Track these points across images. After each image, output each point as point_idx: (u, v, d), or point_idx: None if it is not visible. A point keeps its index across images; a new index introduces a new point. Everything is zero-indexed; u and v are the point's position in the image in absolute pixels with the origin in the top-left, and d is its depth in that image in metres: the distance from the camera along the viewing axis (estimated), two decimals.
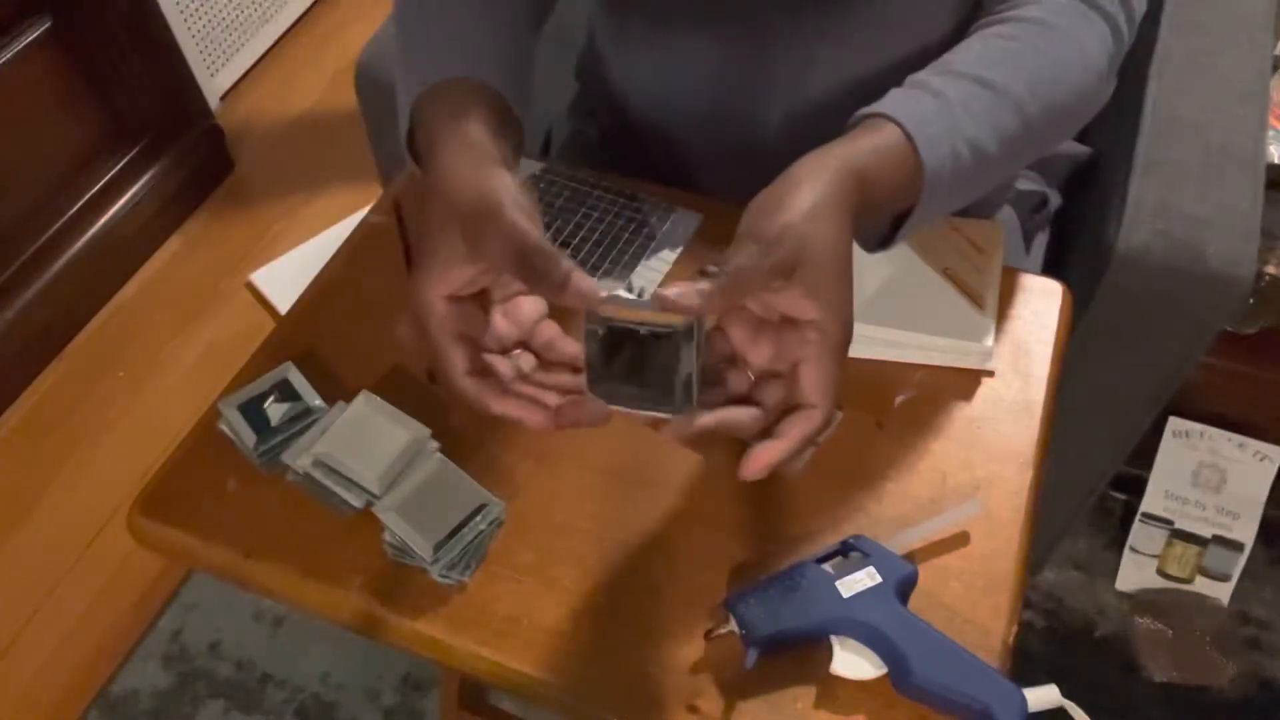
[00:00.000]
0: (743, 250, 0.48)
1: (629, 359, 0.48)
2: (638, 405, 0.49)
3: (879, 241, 0.61)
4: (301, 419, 0.65)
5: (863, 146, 0.54)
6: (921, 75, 0.60)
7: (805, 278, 0.48)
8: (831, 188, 0.51)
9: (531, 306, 0.55)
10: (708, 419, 0.48)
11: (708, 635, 0.56)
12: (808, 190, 0.50)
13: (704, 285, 0.47)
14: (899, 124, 0.55)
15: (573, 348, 0.54)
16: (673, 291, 0.46)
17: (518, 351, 0.55)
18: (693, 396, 0.48)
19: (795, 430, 0.49)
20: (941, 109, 0.57)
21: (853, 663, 0.54)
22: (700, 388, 0.48)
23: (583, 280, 0.48)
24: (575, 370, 0.53)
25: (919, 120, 0.56)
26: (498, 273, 0.52)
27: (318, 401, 0.66)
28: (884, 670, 0.54)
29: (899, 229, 0.60)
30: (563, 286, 0.48)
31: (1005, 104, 0.59)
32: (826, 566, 0.57)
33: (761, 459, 0.48)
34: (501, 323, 0.55)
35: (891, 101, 0.57)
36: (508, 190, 0.51)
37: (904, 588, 0.56)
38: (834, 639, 0.55)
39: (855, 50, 0.73)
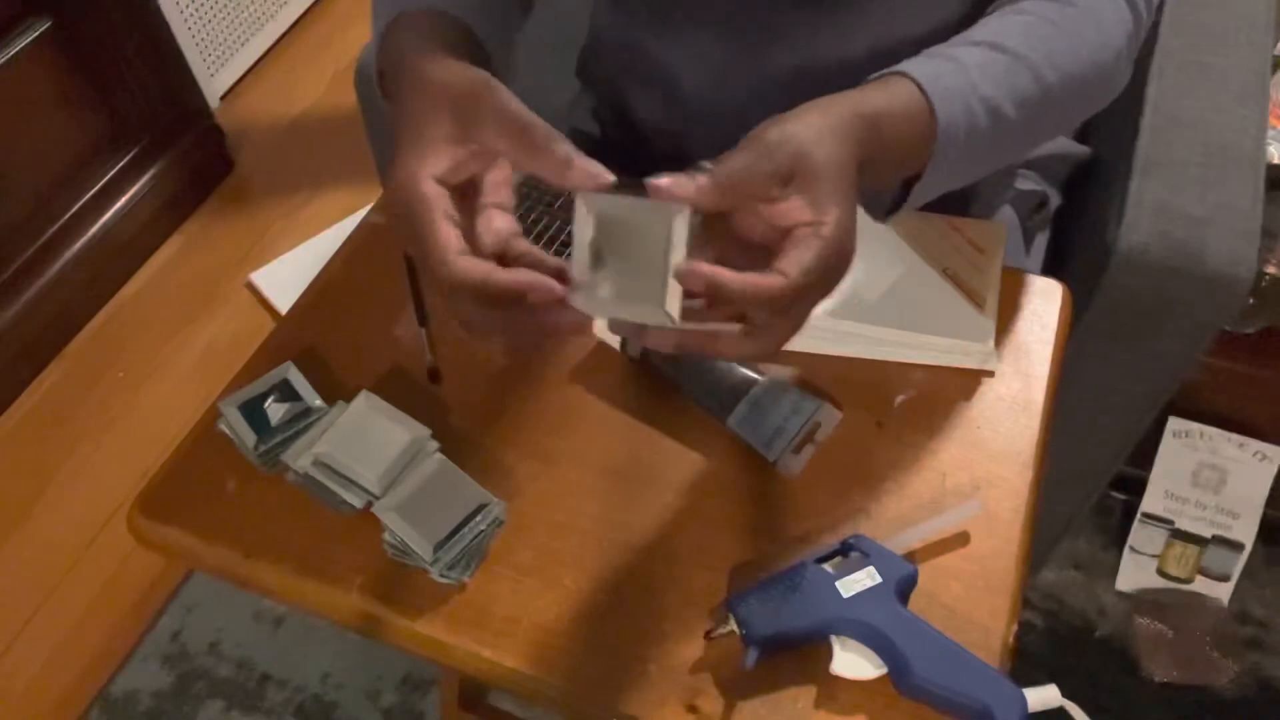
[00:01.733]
0: (741, 152, 0.48)
1: (616, 251, 0.46)
2: (620, 306, 0.46)
3: (889, 208, 0.61)
4: (301, 419, 0.65)
5: (874, 94, 0.54)
6: (936, 46, 0.59)
7: (804, 187, 0.47)
8: (839, 120, 0.50)
9: (503, 220, 0.52)
10: (693, 326, 0.47)
11: (708, 635, 0.56)
12: (814, 116, 0.50)
13: (700, 177, 0.46)
14: (912, 79, 0.55)
15: (551, 261, 0.50)
16: (665, 181, 0.46)
17: None
18: (678, 296, 0.46)
19: (745, 278, 0.45)
20: (957, 69, 0.56)
21: (853, 663, 0.54)
22: (685, 299, 0.46)
23: (587, 161, 0.47)
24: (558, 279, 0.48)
25: (933, 76, 0.55)
26: (490, 155, 0.50)
27: (318, 401, 0.66)
28: (884, 670, 0.54)
29: (908, 196, 0.59)
30: (567, 164, 0.46)
31: (1022, 69, 0.59)
32: (826, 566, 0.57)
33: (696, 269, 0.45)
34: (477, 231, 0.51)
35: (905, 63, 0.57)
36: (498, 81, 0.49)
37: (904, 588, 0.56)
38: (834, 639, 0.55)
39: (859, 48, 0.73)
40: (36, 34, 1.52)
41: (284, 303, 1.70)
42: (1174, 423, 1.23)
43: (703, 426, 0.66)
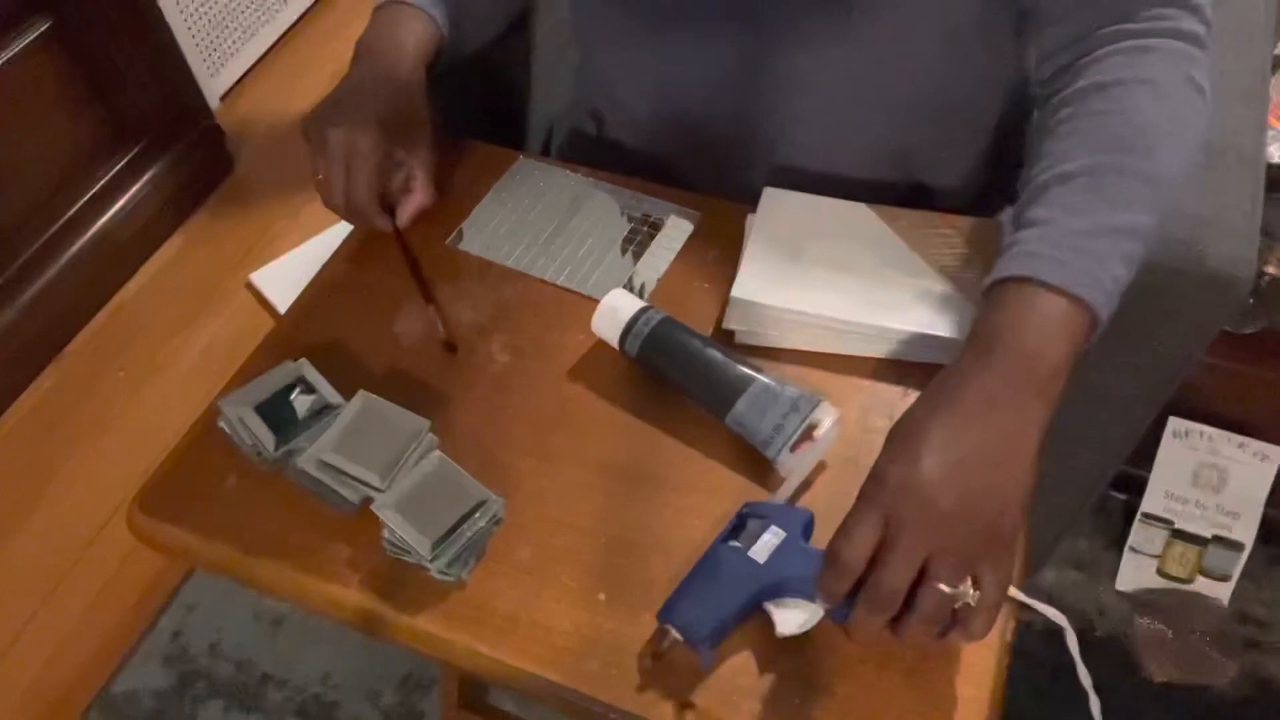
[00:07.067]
0: None
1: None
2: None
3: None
4: (324, 414, 0.65)
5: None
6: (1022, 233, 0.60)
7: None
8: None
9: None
10: None
11: (657, 656, 0.56)
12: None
13: None
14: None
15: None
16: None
17: None
18: None
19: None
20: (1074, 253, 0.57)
21: (794, 619, 0.55)
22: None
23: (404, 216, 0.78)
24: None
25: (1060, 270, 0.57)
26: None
27: (337, 398, 0.66)
28: (821, 612, 0.55)
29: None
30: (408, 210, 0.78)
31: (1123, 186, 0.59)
32: (734, 543, 0.58)
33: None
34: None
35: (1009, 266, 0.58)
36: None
37: (807, 530, 0.59)
38: (769, 606, 0.56)
39: (852, 53, 0.73)
40: (36, 34, 1.52)
41: (284, 303, 1.70)
42: (1174, 423, 1.23)
43: (702, 425, 0.66)
